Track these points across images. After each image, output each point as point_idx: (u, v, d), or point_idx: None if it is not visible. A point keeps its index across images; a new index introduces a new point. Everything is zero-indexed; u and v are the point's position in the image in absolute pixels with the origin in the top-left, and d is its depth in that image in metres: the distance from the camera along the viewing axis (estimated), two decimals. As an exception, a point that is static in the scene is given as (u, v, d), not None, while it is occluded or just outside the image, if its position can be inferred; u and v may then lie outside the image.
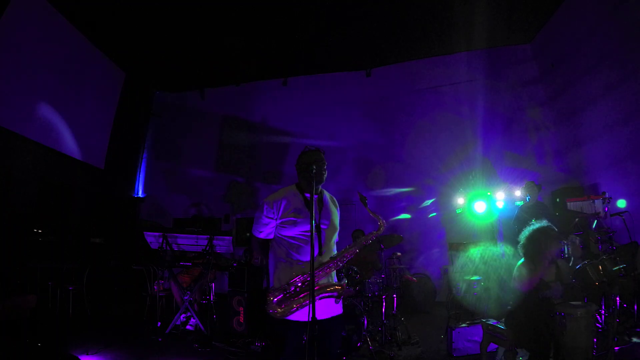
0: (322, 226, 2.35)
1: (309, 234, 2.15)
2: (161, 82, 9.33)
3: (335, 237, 2.47)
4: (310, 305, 1.94)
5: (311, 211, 2.16)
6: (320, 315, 2.07)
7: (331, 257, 2.32)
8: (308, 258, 2.09)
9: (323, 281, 2.27)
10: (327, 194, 2.50)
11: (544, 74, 7.49)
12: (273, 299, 2.17)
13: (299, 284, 2.19)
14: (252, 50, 7.87)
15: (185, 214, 8.81)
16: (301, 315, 2.14)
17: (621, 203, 5.37)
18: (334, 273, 2.40)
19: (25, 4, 5.76)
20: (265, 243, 2.45)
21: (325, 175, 2.39)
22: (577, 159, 6.82)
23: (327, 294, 2.21)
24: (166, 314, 4.99)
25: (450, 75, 8.05)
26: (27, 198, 6.07)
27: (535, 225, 3.22)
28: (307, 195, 2.34)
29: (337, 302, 2.28)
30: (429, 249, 7.63)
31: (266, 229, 2.37)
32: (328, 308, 2.26)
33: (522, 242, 3.23)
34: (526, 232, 3.24)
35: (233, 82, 9.25)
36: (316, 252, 2.21)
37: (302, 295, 2.16)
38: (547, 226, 3.20)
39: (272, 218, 2.32)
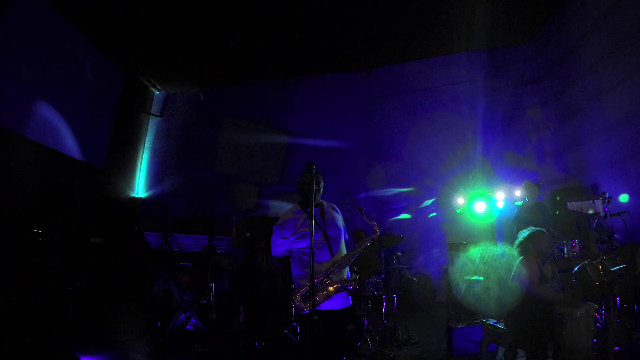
0: (328, 232, 2.67)
1: (320, 241, 2.59)
2: (161, 82, 9.33)
3: (343, 236, 2.79)
4: (311, 300, 2.25)
5: (312, 224, 2.47)
6: (335, 306, 2.56)
7: (341, 258, 2.63)
8: (322, 259, 2.56)
9: (336, 278, 2.59)
10: (325, 203, 2.80)
11: (544, 74, 7.49)
12: (299, 296, 2.50)
13: (317, 283, 2.49)
14: (252, 50, 7.87)
15: (186, 214, 8.80)
16: (323, 306, 2.53)
17: (623, 198, 5.38)
18: (347, 269, 2.71)
19: (25, 4, 5.76)
20: (286, 259, 2.77)
21: (321, 194, 2.68)
22: (577, 159, 6.82)
23: (343, 287, 2.56)
24: (166, 314, 4.99)
25: (450, 75, 8.04)
26: (27, 198, 6.07)
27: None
28: (308, 209, 2.65)
29: (349, 295, 2.65)
30: (428, 249, 7.62)
31: (283, 248, 2.71)
32: (340, 300, 2.61)
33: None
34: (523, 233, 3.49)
35: (233, 82, 9.25)
36: (328, 255, 2.62)
37: (322, 292, 2.52)
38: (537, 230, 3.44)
39: (286, 237, 2.66)
